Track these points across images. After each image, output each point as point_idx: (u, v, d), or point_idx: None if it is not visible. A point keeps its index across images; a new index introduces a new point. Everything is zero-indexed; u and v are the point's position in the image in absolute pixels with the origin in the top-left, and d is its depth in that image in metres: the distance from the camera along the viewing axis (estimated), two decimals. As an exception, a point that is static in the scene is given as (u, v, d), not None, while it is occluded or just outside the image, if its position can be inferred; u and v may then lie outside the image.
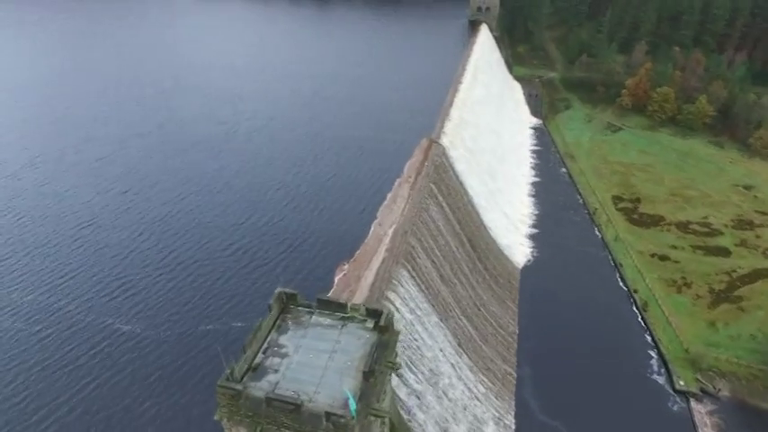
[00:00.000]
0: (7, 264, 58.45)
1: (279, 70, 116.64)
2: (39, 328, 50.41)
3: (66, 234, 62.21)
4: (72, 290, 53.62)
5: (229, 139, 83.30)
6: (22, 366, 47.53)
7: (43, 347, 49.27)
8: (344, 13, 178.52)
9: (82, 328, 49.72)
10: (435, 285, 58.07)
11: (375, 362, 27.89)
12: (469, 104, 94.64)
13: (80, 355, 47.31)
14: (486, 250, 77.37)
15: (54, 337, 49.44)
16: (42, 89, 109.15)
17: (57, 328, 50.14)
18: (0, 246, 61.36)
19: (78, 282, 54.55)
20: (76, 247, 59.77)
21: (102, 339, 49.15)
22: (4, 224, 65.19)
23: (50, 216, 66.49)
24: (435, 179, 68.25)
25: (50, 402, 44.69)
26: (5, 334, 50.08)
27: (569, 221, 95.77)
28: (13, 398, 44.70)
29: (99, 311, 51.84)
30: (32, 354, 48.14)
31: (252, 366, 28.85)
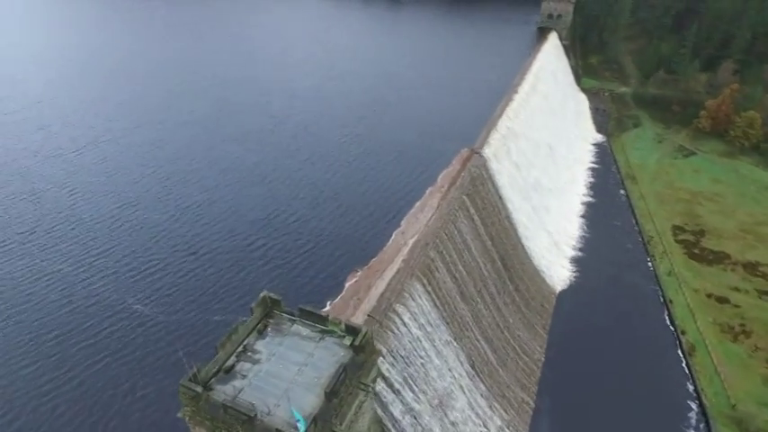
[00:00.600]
0: (52, 234, 62.82)
1: (338, 68, 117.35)
2: (62, 297, 53.72)
3: (107, 211, 65.90)
4: (101, 265, 56.63)
5: (275, 133, 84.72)
6: (41, 330, 51.02)
7: (62, 316, 52.46)
8: (414, 12, 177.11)
9: (101, 302, 52.25)
10: (453, 302, 55.82)
11: (341, 382, 26.78)
12: (523, 115, 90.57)
13: (95, 329, 49.77)
14: (520, 270, 73.71)
15: (75, 307, 52.42)
16: (113, 73, 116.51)
17: (80, 299, 53.00)
18: (51, 216, 66.00)
19: (108, 258, 57.53)
20: (113, 225, 63.14)
21: (118, 315, 51.38)
22: (59, 196, 70.10)
23: (98, 192, 70.69)
24: (470, 191, 65.68)
25: (64, 368, 47.49)
26: (34, 296, 53.90)
27: (620, 248, 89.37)
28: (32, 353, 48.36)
29: (120, 288, 54.39)
30: (51, 321, 51.48)
31: (223, 368, 28.70)
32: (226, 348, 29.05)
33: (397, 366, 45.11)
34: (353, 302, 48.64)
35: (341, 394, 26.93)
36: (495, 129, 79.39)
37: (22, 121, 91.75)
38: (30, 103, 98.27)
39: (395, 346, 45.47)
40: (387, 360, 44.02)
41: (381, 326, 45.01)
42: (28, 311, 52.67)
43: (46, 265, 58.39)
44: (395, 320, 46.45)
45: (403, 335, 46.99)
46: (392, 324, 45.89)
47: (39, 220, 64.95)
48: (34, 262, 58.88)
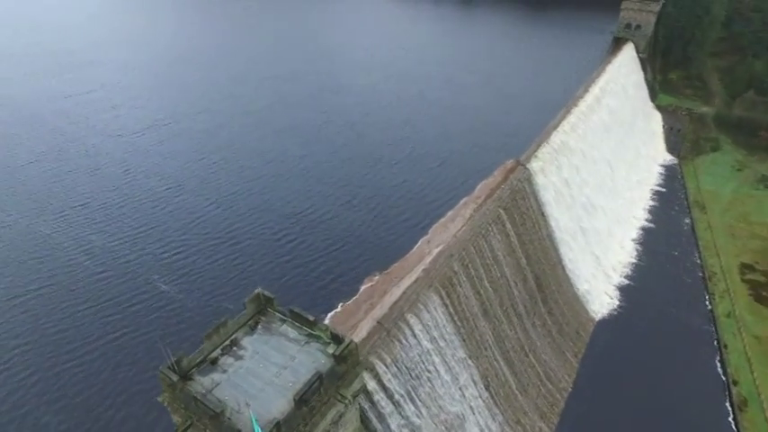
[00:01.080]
0: (102, 208, 67.34)
1: (396, 68, 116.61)
2: (97, 266, 57.39)
3: (153, 192, 69.62)
4: (136, 242, 59.88)
5: (322, 130, 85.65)
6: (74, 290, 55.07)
7: (95, 284, 56.12)
8: (485, 14, 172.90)
9: (130, 278, 55.19)
10: (473, 318, 53.83)
11: (312, 390, 26.36)
12: (581, 130, 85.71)
13: (119, 302, 52.75)
14: (557, 292, 69.99)
15: (108, 279, 55.81)
16: (183, 62, 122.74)
17: (113, 273, 56.25)
18: (103, 191, 70.78)
19: (143, 236, 60.65)
20: (156, 205, 66.60)
21: (138, 291, 53.99)
22: (114, 174, 75.04)
23: (149, 173, 74.91)
24: (508, 205, 63.03)
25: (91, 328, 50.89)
26: (71, 264, 58.06)
27: (675, 281, 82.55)
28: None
29: (147, 265, 57.26)
30: (83, 286, 55.36)
31: (207, 359, 29.18)
32: (212, 340, 29.51)
33: (400, 378, 44.08)
34: (365, 307, 48.14)
35: (312, 403, 26.51)
36: (547, 142, 75.70)
37: (97, 101, 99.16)
38: (105, 84, 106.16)
39: (400, 356, 44.44)
40: (390, 370, 43.11)
41: (389, 334, 44.18)
42: (64, 277, 56.98)
43: (87, 236, 62.60)
44: (404, 330, 45.41)
45: (411, 346, 45.84)
46: (401, 334, 44.90)
47: (93, 193, 70.05)
48: (77, 232, 63.48)
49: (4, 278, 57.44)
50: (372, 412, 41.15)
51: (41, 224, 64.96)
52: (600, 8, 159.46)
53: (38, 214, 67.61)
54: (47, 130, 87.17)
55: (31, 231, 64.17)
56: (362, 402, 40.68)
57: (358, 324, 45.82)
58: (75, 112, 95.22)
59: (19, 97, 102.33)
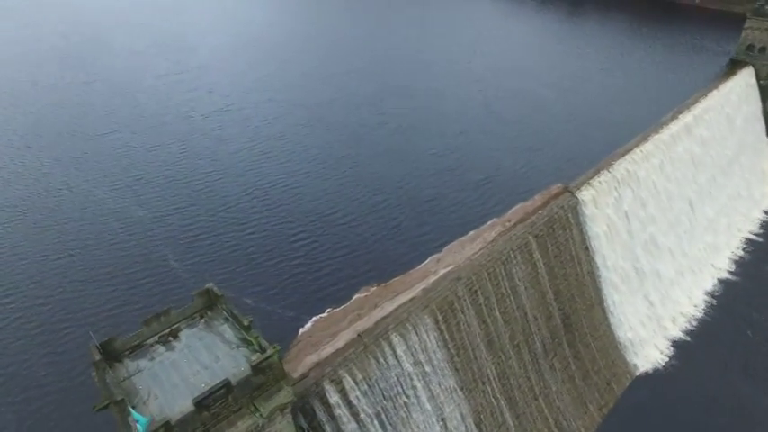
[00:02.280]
0: (149, 183, 72.80)
1: (470, 75, 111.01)
2: (133, 239, 62.10)
3: (198, 175, 73.78)
4: (169, 223, 63.80)
5: (372, 131, 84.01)
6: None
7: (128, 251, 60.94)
8: (594, 23, 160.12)
9: (155, 258, 58.96)
10: (473, 348, 50.37)
11: (216, 397, 25.94)
12: (658, 160, 76.48)
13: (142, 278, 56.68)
14: (589, 335, 63.47)
15: (140, 250, 60.34)
16: (274, 50, 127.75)
17: (151, 249, 60.48)
18: (157, 169, 76.39)
19: (176, 218, 64.45)
20: (196, 186, 70.31)
21: (158, 271, 57.31)
22: (171, 153, 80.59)
23: (201, 155, 79.35)
24: (541, 232, 58.06)
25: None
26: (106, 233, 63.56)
27: (749, 348, 70.93)
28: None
29: (160, 237, 60.91)
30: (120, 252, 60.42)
31: (141, 344, 29.98)
32: (151, 327, 30.25)
33: (370, 397, 42.48)
34: (352, 317, 47.06)
35: (215, 409, 26.11)
36: (609, 170, 68.51)
37: (181, 82, 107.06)
38: (193, 68, 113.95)
39: (375, 375, 42.79)
40: (359, 387, 41.73)
41: (366, 349, 42.71)
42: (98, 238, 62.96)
43: (129, 207, 68.15)
44: (384, 349, 43.63)
45: (390, 366, 43.97)
46: (379, 351, 43.21)
47: (147, 167, 76.01)
48: (121, 201, 69.17)
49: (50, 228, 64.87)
50: (330, 425, 40.14)
51: (96, 187, 72.14)
52: (720, 25, 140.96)
53: (97, 178, 74.91)
54: (130, 105, 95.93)
55: (85, 192, 71.49)
56: (321, 415, 39.87)
57: (338, 333, 44.95)
58: (159, 90, 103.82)
59: (117, 73, 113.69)
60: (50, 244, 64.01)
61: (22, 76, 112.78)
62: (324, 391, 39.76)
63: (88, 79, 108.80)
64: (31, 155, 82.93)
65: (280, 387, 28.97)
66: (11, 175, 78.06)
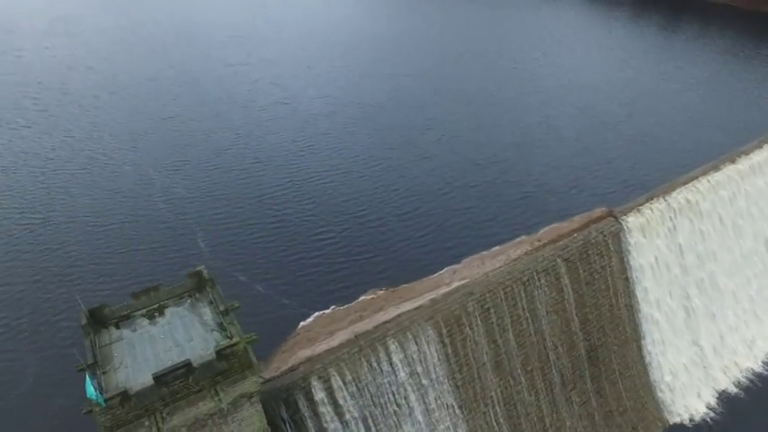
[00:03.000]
0: (198, 167, 77.06)
1: (535, 84, 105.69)
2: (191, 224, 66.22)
3: (244, 162, 76.93)
4: (202, 203, 67.25)
5: (418, 135, 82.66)
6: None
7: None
8: (690, 35, 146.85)
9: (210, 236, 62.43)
10: (478, 367, 48.52)
11: (175, 376, 27.05)
12: (729, 192, 69.00)
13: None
14: (618, 372, 58.89)
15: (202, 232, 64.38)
16: (332, 48, 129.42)
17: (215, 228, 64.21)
18: (207, 153, 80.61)
19: (210, 198, 67.62)
20: (241, 175, 73.35)
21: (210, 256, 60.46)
22: (224, 140, 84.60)
23: (250, 146, 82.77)
24: (573, 257, 54.56)
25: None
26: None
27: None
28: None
29: (196, 225, 64.12)
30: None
31: (129, 315, 31.91)
32: (140, 300, 32.09)
33: (358, 399, 42.30)
34: (354, 317, 47.18)
35: (174, 387, 27.22)
36: (665, 197, 62.91)
37: (246, 73, 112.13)
38: (259, 60, 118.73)
39: (365, 378, 42.52)
40: (347, 388, 41.68)
41: (360, 351, 42.58)
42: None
43: (172, 189, 72.64)
44: (379, 354, 43.22)
45: (383, 372, 43.49)
46: (374, 355, 42.86)
47: (193, 153, 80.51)
48: (166, 184, 73.88)
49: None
50: (313, 422, 40.48)
51: (145, 164, 77.85)
52: None
53: (148, 156, 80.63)
54: (196, 92, 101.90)
55: (136, 169, 77.37)
56: (304, 410, 40.33)
57: (337, 331, 45.24)
58: (225, 79, 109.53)
59: (193, 60, 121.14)
60: (101, 210, 69.98)
61: (118, 60, 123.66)
62: (310, 386, 40.14)
63: (166, 65, 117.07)
64: (97, 128, 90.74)
65: (245, 376, 29.61)
66: (76, 137, 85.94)
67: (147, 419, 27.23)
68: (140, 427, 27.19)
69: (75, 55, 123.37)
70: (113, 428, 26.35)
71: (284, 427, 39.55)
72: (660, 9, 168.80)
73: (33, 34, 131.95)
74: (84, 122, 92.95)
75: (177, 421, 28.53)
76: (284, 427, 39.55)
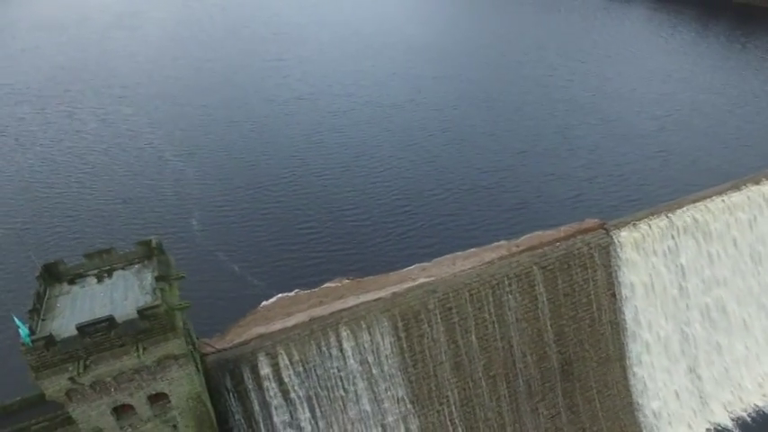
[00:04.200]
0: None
1: (572, 95, 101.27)
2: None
3: (262, 153, 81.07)
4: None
5: (436, 137, 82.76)
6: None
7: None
8: (759, 49, 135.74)
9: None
10: (434, 366, 48.79)
11: (96, 329, 29.91)
12: (747, 215, 64.31)
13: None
14: (596, 390, 56.91)
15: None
16: (395, 50, 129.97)
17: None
18: (229, 143, 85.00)
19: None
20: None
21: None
22: (244, 131, 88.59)
23: (270, 136, 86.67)
24: (552, 266, 53.23)
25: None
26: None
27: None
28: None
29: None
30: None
31: (82, 274, 35.46)
32: (92, 261, 35.55)
33: (304, 380, 44.10)
34: (314, 302, 49.02)
35: (97, 339, 30.13)
36: (668, 215, 59.77)
37: (277, 68, 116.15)
38: (294, 57, 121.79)
39: (313, 360, 44.22)
40: (294, 368, 43.63)
41: (312, 335, 44.32)
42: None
43: (181, 170, 77.66)
44: (330, 338, 44.76)
45: (332, 357, 45.02)
46: (324, 339, 44.45)
47: (209, 138, 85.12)
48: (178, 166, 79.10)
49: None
50: (256, 394, 42.70)
51: (165, 150, 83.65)
52: None
53: (169, 141, 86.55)
54: (229, 83, 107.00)
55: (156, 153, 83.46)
56: (248, 382, 42.68)
57: (294, 314, 47.22)
58: (258, 73, 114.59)
59: (234, 54, 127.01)
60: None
61: (168, 50, 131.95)
62: (257, 360, 42.42)
63: (209, 57, 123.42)
64: (131, 106, 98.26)
65: (167, 338, 32.09)
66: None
67: (71, 365, 30.36)
68: (64, 371, 30.38)
69: (133, 45, 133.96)
70: (39, 369, 29.66)
71: (227, 395, 42.17)
72: (727, 17, 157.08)
73: (102, 26, 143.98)
74: (118, 102, 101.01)
75: (102, 371, 31.63)
76: (227, 395, 42.17)
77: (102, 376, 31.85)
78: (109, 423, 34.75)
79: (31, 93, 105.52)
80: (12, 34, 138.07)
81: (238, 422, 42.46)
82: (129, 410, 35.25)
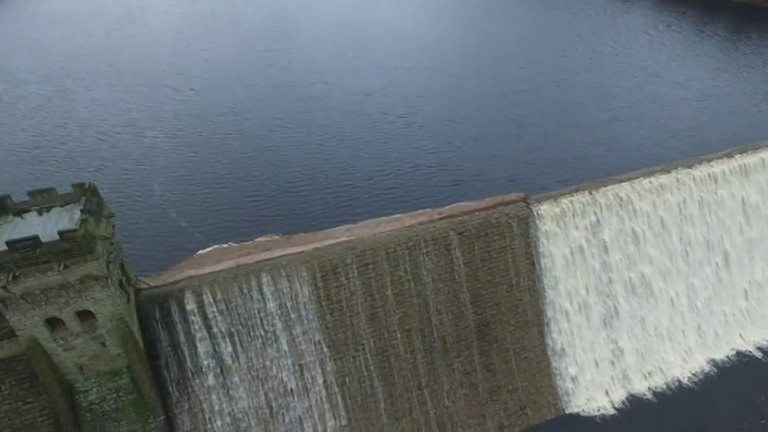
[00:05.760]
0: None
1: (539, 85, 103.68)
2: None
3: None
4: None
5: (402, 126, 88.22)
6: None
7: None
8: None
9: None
10: (351, 315, 53.93)
11: (21, 246, 36.37)
12: (678, 198, 67.36)
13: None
14: (512, 352, 61.07)
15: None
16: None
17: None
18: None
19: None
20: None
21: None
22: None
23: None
24: (469, 232, 57.70)
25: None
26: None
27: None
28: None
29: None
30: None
31: (26, 209, 42.27)
32: (35, 198, 42.32)
33: (226, 316, 49.69)
34: (243, 252, 54.94)
35: (23, 254, 36.63)
36: (592, 192, 63.49)
37: (313, 62, 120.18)
38: (323, 52, 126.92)
39: (235, 301, 49.87)
40: (217, 306, 49.28)
41: (235, 278, 50.05)
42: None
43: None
44: (251, 282, 50.20)
45: (253, 300, 50.60)
46: (245, 283, 49.91)
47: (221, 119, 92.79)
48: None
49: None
50: (182, 326, 48.77)
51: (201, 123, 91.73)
52: None
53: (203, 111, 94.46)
54: (267, 75, 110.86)
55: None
56: (175, 315, 48.77)
57: (223, 261, 53.23)
58: (263, 61, 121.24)
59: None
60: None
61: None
62: (183, 297, 48.42)
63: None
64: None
65: (86, 259, 38.42)
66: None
67: (2, 275, 37.02)
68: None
69: (178, 33, 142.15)
70: (-24, 276, 36.51)
71: (156, 325, 48.37)
72: (727, 16, 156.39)
73: (112, 20, 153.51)
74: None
75: (31, 284, 38.12)
76: (156, 325, 48.37)
77: (32, 288, 38.36)
78: (43, 334, 41.37)
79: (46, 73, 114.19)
80: (32, 26, 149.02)
81: (165, 350, 48.56)
82: (62, 325, 41.85)
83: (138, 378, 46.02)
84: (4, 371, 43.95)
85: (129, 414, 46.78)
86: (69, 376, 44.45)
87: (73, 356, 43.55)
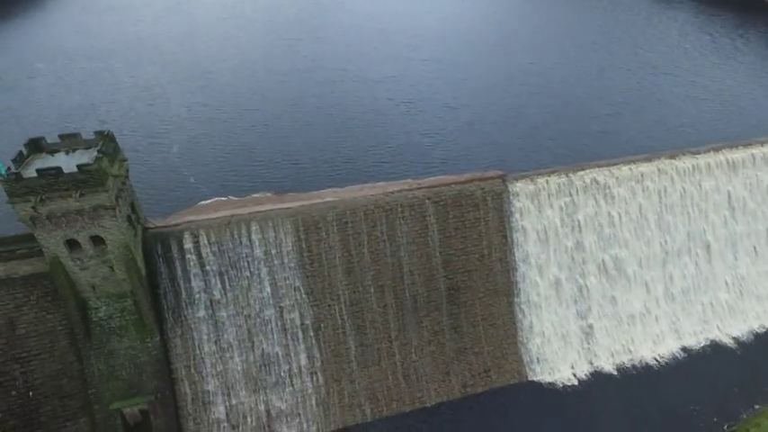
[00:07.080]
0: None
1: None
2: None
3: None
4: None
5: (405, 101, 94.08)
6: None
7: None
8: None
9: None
10: (329, 267, 59.85)
11: (50, 174, 44.77)
12: (657, 187, 69.70)
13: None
14: (480, 318, 65.52)
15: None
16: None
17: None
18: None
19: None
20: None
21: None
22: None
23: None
24: (445, 201, 62.70)
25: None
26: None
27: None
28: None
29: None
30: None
31: (57, 149, 51.00)
32: (64, 141, 50.90)
33: (219, 258, 56.91)
34: (239, 205, 62.22)
35: (48, 181, 45.04)
36: (569, 174, 67.08)
37: (333, 56, 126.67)
38: (345, 45, 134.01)
39: (227, 245, 57.00)
40: (211, 248, 56.54)
41: (228, 225, 57.31)
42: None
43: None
44: (242, 230, 57.21)
45: (242, 245, 57.64)
46: (237, 230, 56.97)
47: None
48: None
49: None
50: (180, 263, 56.48)
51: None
52: None
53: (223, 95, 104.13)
54: (290, 65, 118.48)
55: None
56: (174, 252, 56.53)
57: (221, 210, 60.77)
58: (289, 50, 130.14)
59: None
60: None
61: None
62: (182, 237, 56.11)
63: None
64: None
65: (97, 190, 46.50)
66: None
67: (33, 197, 45.55)
68: (28, 201, 45.55)
69: (217, 21, 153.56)
70: (12, 195, 45.08)
71: (157, 259, 56.26)
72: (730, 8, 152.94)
73: (158, 10, 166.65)
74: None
75: (54, 207, 46.58)
76: (157, 259, 56.26)
77: (55, 211, 46.75)
78: (63, 252, 49.89)
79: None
80: (90, 13, 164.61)
81: (165, 281, 56.36)
82: (78, 247, 50.28)
83: (139, 302, 54.01)
84: (33, 284, 52.91)
85: (131, 332, 54.96)
86: (84, 294, 52.88)
87: (87, 276, 51.95)
